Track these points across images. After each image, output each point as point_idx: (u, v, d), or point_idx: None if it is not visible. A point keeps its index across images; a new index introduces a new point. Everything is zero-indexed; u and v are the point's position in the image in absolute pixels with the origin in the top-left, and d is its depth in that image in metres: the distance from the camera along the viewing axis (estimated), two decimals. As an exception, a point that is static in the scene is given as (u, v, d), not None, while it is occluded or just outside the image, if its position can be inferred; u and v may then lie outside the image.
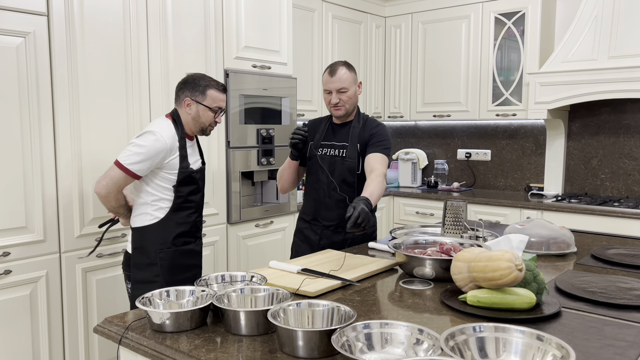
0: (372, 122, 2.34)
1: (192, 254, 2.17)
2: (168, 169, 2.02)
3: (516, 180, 4.34)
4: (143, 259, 2.06)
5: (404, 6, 4.54)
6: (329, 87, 2.24)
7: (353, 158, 2.28)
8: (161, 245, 2.05)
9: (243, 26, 3.13)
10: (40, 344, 2.32)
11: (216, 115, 2.14)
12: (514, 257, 1.43)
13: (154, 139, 1.96)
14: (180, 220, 2.09)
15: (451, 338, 1.12)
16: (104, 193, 1.98)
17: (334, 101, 2.24)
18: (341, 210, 2.26)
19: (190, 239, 2.15)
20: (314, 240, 2.35)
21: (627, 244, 2.34)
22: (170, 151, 2.00)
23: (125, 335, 1.32)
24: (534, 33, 3.86)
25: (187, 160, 2.06)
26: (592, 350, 1.20)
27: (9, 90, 2.17)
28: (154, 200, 2.04)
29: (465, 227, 2.24)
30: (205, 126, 2.13)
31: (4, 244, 2.19)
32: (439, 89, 4.38)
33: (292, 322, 1.28)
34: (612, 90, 3.41)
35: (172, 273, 2.08)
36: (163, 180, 2.03)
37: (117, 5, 2.50)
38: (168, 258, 2.06)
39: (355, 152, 2.28)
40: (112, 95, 2.52)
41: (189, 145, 2.12)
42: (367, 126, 2.32)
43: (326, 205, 2.33)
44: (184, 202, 2.09)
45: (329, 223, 2.33)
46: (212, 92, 2.10)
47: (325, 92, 2.27)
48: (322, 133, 2.36)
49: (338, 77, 2.22)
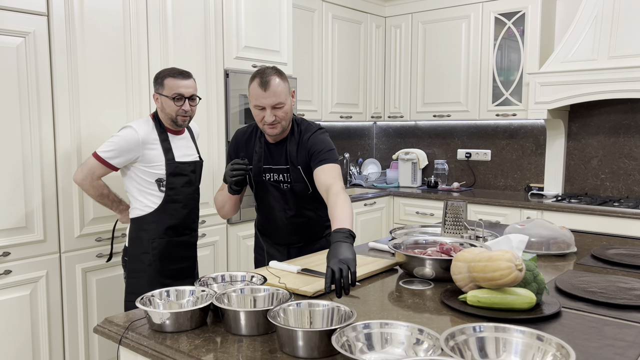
0: (306, 132, 1.99)
1: (185, 246, 2.26)
2: (147, 162, 2.13)
3: (516, 180, 4.34)
4: (137, 249, 2.18)
5: (404, 6, 4.54)
6: (261, 103, 1.84)
7: (300, 181, 1.99)
8: (154, 235, 2.16)
9: (243, 26, 3.13)
10: (40, 344, 2.32)
11: (177, 102, 2.11)
12: (514, 257, 1.43)
13: (127, 131, 2.10)
14: (172, 212, 2.19)
15: (451, 338, 1.12)
16: (79, 180, 2.13)
17: (269, 119, 1.85)
18: (304, 231, 2.10)
19: (185, 230, 2.25)
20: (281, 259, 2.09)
21: (627, 244, 2.33)
22: (144, 144, 2.10)
23: (125, 335, 1.32)
24: (534, 33, 3.86)
25: (172, 153, 2.16)
26: (592, 350, 1.20)
27: (9, 90, 2.17)
28: (142, 194, 2.16)
29: (465, 227, 2.24)
30: (172, 116, 2.15)
31: (4, 244, 2.19)
32: (439, 89, 4.38)
33: (292, 322, 1.28)
34: (612, 90, 3.41)
35: (165, 262, 2.18)
36: (145, 174, 2.14)
37: (117, 5, 2.50)
38: (160, 248, 2.17)
39: (299, 174, 1.98)
40: (112, 95, 2.51)
41: (175, 139, 2.20)
42: (302, 142, 1.97)
43: (287, 230, 2.09)
44: (175, 195, 2.18)
45: (295, 244, 2.13)
46: (169, 80, 2.12)
47: (257, 108, 1.86)
48: (260, 155, 2.01)
49: (273, 91, 1.82)
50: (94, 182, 2.14)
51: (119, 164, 2.12)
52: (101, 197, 2.20)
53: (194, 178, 2.25)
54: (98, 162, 2.10)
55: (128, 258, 2.22)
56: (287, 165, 1.99)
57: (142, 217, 2.17)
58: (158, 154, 2.14)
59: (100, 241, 2.49)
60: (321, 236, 2.19)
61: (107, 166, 2.11)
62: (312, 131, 1.99)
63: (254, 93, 1.86)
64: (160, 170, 2.15)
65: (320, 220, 2.14)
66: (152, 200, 2.17)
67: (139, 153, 2.11)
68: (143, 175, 2.15)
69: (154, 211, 2.16)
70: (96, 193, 2.18)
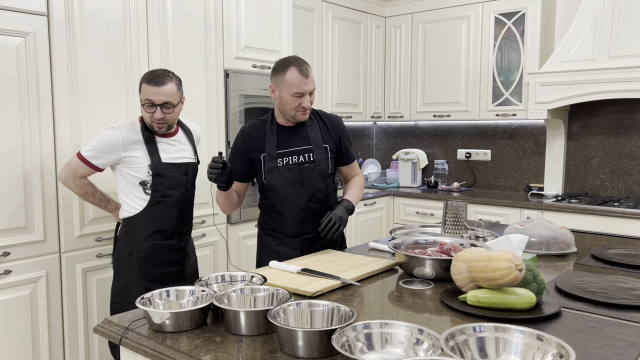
0: (329, 116, 2.17)
1: (172, 250, 2.20)
2: (129, 164, 2.11)
3: (516, 180, 4.34)
4: (123, 250, 2.17)
5: (404, 6, 4.54)
6: (303, 90, 1.97)
7: (322, 160, 2.08)
8: (139, 238, 2.14)
9: (243, 26, 3.13)
10: (40, 344, 2.32)
11: (147, 109, 2.05)
12: (514, 257, 1.43)
13: (109, 132, 2.10)
14: (159, 214, 2.15)
15: (451, 338, 1.12)
16: (62, 178, 2.14)
17: (308, 105, 2.00)
18: (317, 218, 2.09)
19: (174, 234, 2.20)
20: (293, 255, 2.09)
21: (627, 244, 2.33)
22: (125, 145, 2.09)
23: (125, 335, 1.32)
24: (534, 33, 3.86)
25: (158, 154, 2.12)
26: (592, 350, 1.20)
27: (9, 91, 2.17)
28: (128, 195, 2.16)
29: (465, 227, 2.24)
30: (148, 122, 2.11)
31: (4, 244, 2.19)
32: (439, 89, 4.38)
33: (292, 322, 1.28)
34: (612, 90, 3.41)
35: (149, 267, 2.15)
36: (129, 176, 2.13)
37: (117, 5, 2.50)
38: (144, 251, 2.14)
39: (322, 153, 2.08)
40: (112, 95, 2.51)
41: (164, 141, 2.16)
42: (326, 122, 2.14)
43: (301, 219, 2.09)
44: (161, 197, 2.14)
45: (308, 235, 2.12)
46: (143, 85, 2.06)
47: (295, 96, 1.98)
48: (274, 141, 2.07)
49: (311, 78, 2.00)
50: (77, 181, 2.14)
51: (101, 165, 2.10)
52: (86, 195, 2.19)
53: (184, 180, 2.19)
54: (80, 162, 2.10)
55: (115, 258, 2.21)
56: (310, 146, 2.08)
57: (129, 219, 2.15)
58: (141, 155, 2.10)
59: (100, 241, 2.49)
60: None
61: (89, 166, 2.10)
62: (335, 118, 2.19)
63: (294, 81, 1.96)
64: (143, 173, 2.11)
65: (330, 205, 2.15)
66: (138, 202, 2.14)
67: (121, 155, 2.09)
68: (128, 177, 2.13)
69: (140, 213, 2.13)
70: (80, 192, 2.17)
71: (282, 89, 1.99)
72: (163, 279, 2.16)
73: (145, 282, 2.12)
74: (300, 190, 2.06)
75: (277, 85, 2.01)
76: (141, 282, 2.12)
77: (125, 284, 2.14)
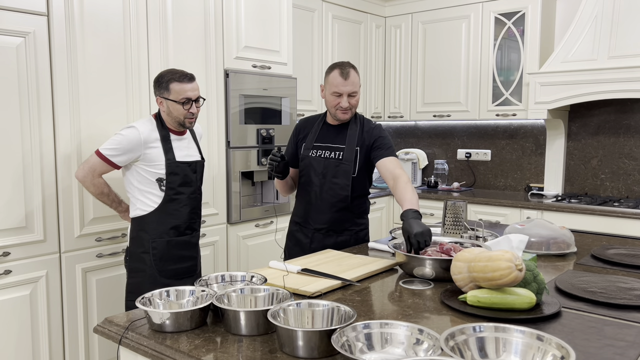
0: (370, 123, 2.29)
1: (186, 245, 2.27)
2: (148, 162, 2.15)
3: (516, 180, 4.34)
4: (138, 248, 2.19)
5: (404, 6, 4.54)
6: (342, 90, 2.15)
7: (349, 161, 2.22)
8: (154, 235, 2.18)
9: (243, 26, 3.13)
10: (40, 344, 2.32)
11: (185, 106, 2.14)
12: (514, 257, 1.43)
13: (130, 131, 2.12)
14: (172, 212, 2.20)
15: (451, 338, 1.12)
16: (80, 177, 2.16)
17: (345, 105, 2.16)
18: (333, 214, 2.25)
19: (186, 230, 2.26)
20: (305, 243, 2.31)
21: (627, 244, 2.34)
22: (145, 143, 2.12)
23: (125, 335, 1.32)
24: (534, 33, 3.86)
25: (172, 153, 2.18)
26: (592, 350, 1.20)
27: (9, 90, 2.17)
28: (143, 193, 2.18)
29: (465, 227, 2.24)
30: (180, 120, 2.18)
31: (4, 244, 2.19)
32: (439, 89, 4.38)
33: (292, 322, 1.28)
34: (612, 90, 3.41)
35: (165, 263, 2.20)
36: (147, 173, 2.16)
37: (117, 5, 2.50)
38: (160, 248, 2.18)
39: (352, 155, 2.22)
40: (112, 95, 2.51)
41: (177, 139, 2.22)
42: (366, 129, 2.26)
43: (318, 208, 2.27)
44: (175, 194, 2.19)
45: (320, 226, 2.28)
46: (174, 85, 2.13)
47: (334, 95, 2.17)
48: (315, 134, 2.30)
49: (351, 81, 2.14)
50: (95, 180, 2.17)
51: (120, 163, 2.14)
52: (101, 195, 2.22)
53: (194, 178, 2.27)
54: (100, 160, 2.12)
55: (129, 257, 2.23)
56: (343, 145, 2.24)
57: (143, 217, 2.18)
58: (159, 153, 2.15)
59: (100, 241, 2.49)
60: (347, 228, 2.28)
61: (109, 164, 2.13)
62: (376, 125, 2.30)
63: (334, 81, 2.16)
64: (161, 169, 2.16)
65: (350, 209, 2.26)
66: (153, 199, 2.18)
67: (141, 152, 2.13)
68: (144, 174, 2.16)
69: (155, 211, 2.17)
70: (97, 191, 2.20)
71: (326, 88, 2.22)
72: (178, 274, 2.23)
73: (162, 279, 2.18)
74: (322, 181, 2.25)
75: (325, 85, 2.24)
76: (157, 278, 2.17)
77: (141, 281, 2.18)
